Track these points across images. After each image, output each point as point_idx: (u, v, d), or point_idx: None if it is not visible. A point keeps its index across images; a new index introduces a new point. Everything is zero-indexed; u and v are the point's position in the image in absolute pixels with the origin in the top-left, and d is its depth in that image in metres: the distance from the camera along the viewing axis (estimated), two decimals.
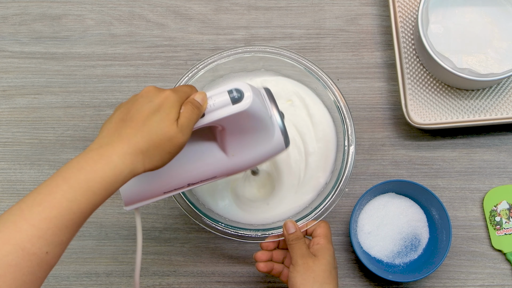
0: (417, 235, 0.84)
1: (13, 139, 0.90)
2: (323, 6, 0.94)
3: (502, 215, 0.86)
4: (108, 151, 0.54)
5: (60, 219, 0.51)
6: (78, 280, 0.86)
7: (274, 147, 0.66)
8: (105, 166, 0.53)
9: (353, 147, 0.80)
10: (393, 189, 0.85)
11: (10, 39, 0.93)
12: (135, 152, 0.55)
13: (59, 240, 0.51)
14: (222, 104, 0.60)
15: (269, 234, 0.78)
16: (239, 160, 0.66)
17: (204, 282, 0.86)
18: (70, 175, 0.52)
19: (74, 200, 0.51)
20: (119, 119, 0.57)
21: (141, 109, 0.57)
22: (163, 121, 0.56)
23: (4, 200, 0.88)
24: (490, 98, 0.86)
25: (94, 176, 0.53)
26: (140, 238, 0.67)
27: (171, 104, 0.57)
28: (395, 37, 0.88)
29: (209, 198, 0.83)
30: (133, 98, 0.59)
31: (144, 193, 0.65)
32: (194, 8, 0.94)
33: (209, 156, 0.66)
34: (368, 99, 0.90)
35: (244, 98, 0.60)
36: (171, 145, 0.57)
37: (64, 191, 0.51)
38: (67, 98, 0.91)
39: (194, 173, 0.66)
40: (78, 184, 0.52)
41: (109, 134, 0.56)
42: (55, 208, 0.51)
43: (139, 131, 0.56)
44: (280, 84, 0.85)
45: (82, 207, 0.52)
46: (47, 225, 0.50)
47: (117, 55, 0.92)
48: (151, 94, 0.58)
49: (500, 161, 0.88)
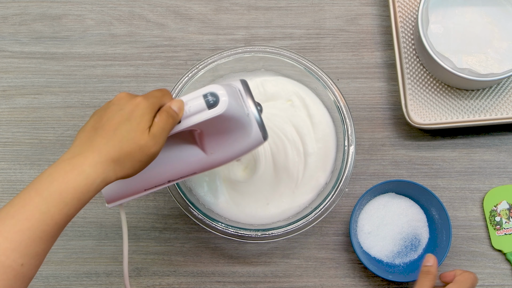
0: (417, 235, 0.84)
1: (13, 139, 0.90)
2: (323, 6, 0.94)
3: (502, 215, 0.86)
4: (80, 161, 0.54)
5: (33, 231, 0.51)
6: (78, 280, 0.86)
7: (252, 141, 0.66)
8: (77, 176, 0.54)
9: (353, 147, 0.80)
10: (393, 189, 0.85)
11: (10, 39, 0.93)
12: (107, 161, 0.55)
13: (34, 252, 0.52)
14: (197, 109, 0.60)
15: (269, 234, 0.78)
16: (218, 157, 0.67)
17: (204, 282, 0.86)
18: (43, 186, 0.53)
19: (47, 211, 0.52)
20: (91, 127, 0.58)
21: (112, 118, 0.57)
22: (134, 130, 0.56)
23: (4, 200, 0.88)
24: (490, 98, 0.86)
25: (66, 186, 0.53)
26: (126, 233, 0.68)
27: (142, 112, 0.57)
28: (395, 37, 0.88)
29: (209, 196, 0.83)
30: (106, 105, 0.59)
31: (125, 191, 0.66)
32: (194, 8, 0.94)
33: (188, 155, 0.66)
34: (368, 99, 0.90)
35: (219, 102, 0.59)
36: (143, 154, 0.57)
37: (37, 203, 0.52)
38: (67, 98, 0.91)
39: (174, 171, 0.67)
40: (51, 195, 0.52)
41: (81, 143, 0.57)
42: (28, 220, 0.51)
43: (110, 140, 0.56)
44: (280, 84, 0.85)
45: (55, 218, 0.52)
46: (20, 237, 0.51)
47: (117, 55, 0.92)
48: (122, 101, 0.58)
49: (500, 161, 0.88)
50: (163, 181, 0.67)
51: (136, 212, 0.87)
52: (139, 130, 0.57)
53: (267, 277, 0.86)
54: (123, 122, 0.56)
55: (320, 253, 0.86)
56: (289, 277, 0.86)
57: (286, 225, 0.78)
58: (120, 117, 0.57)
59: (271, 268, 0.86)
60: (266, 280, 0.86)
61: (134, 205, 0.87)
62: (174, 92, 0.81)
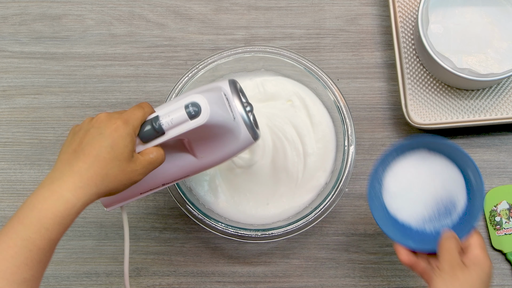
0: (453, 199, 0.73)
1: (13, 139, 0.90)
2: (323, 6, 0.94)
3: (502, 215, 0.86)
4: (60, 187, 0.55)
5: (17, 258, 0.52)
6: (78, 280, 0.86)
7: (242, 143, 0.66)
8: (56, 201, 0.54)
9: (353, 147, 0.80)
10: (425, 146, 0.73)
11: (10, 39, 0.93)
12: (88, 185, 0.56)
13: (22, 278, 0.52)
14: (180, 121, 0.60)
15: (269, 234, 0.78)
16: (209, 160, 0.67)
17: (204, 282, 0.86)
18: (24, 215, 0.54)
19: (28, 238, 0.53)
20: (72, 149, 0.58)
21: (92, 142, 0.57)
22: (118, 159, 0.57)
23: (4, 200, 0.88)
24: (490, 98, 0.86)
25: (46, 213, 0.54)
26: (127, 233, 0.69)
27: (124, 141, 0.58)
28: (395, 37, 0.88)
29: (209, 196, 0.83)
30: (86, 126, 0.60)
31: (120, 196, 0.67)
32: (194, 8, 0.94)
33: (179, 160, 0.67)
34: (368, 99, 0.90)
35: (201, 112, 0.59)
36: (127, 179, 0.59)
37: (18, 231, 0.53)
38: (67, 98, 0.91)
39: (167, 175, 0.67)
40: (31, 222, 0.53)
41: (61, 166, 0.57)
42: (11, 248, 0.53)
43: (92, 165, 0.56)
44: (280, 84, 0.85)
45: (37, 244, 0.53)
46: (5, 265, 0.52)
47: (117, 55, 0.92)
48: (102, 124, 0.59)
49: (500, 161, 0.88)
50: (157, 185, 0.68)
51: (136, 212, 0.87)
52: (123, 159, 0.58)
53: (267, 277, 0.86)
54: (105, 148, 0.57)
55: (320, 253, 0.86)
56: (289, 277, 0.86)
57: (286, 225, 0.78)
58: (101, 142, 0.57)
59: (271, 268, 0.86)
60: (266, 280, 0.86)
61: (134, 205, 0.87)
62: (174, 92, 0.81)
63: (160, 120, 0.60)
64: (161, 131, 0.60)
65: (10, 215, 0.87)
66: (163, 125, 0.60)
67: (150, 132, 0.60)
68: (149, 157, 0.60)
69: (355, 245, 0.86)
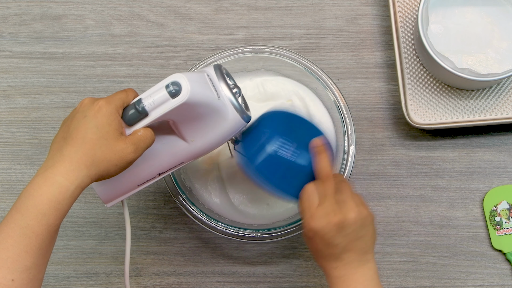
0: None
1: (13, 139, 0.90)
2: (323, 6, 0.94)
3: (502, 215, 0.86)
4: (52, 173, 0.56)
5: (16, 246, 0.54)
6: (78, 280, 0.86)
7: (232, 125, 0.66)
8: (50, 187, 0.55)
9: (353, 147, 0.80)
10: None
11: (10, 39, 0.93)
12: (79, 168, 0.57)
13: (23, 266, 0.53)
14: (161, 101, 0.60)
15: (269, 234, 0.78)
16: (200, 144, 0.67)
17: (204, 282, 0.86)
18: (21, 204, 0.55)
19: (26, 226, 0.54)
20: (61, 137, 0.59)
21: (78, 126, 0.58)
22: (105, 138, 0.58)
23: (4, 200, 0.88)
24: (490, 98, 0.86)
25: (41, 199, 0.55)
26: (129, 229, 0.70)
27: (108, 119, 0.59)
28: (395, 37, 0.88)
29: (209, 196, 0.83)
30: (72, 113, 0.61)
31: (118, 190, 0.68)
32: (194, 8, 0.94)
33: (171, 147, 0.67)
34: (368, 99, 0.90)
35: (182, 90, 0.60)
36: (119, 159, 0.59)
37: (17, 220, 0.55)
38: (67, 98, 0.91)
39: (161, 164, 0.68)
40: (28, 210, 0.55)
41: (52, 155, 0.58)
42: (10, 237, 0.54)
43: (81, 148, 0.57)
44: (280, 84, 0.85)
45: (36, 230, 0.54)
46: (5, 254, 0.53)
47: (117, 55, 0.92)
48: (85, 108, 0.60)
49: (500, 161, 0.88)
50: (153, 175, 0.68)
51: (136, 212, 0.87)
52: (109, 137, 0.58)
53: (267, 277, 0.86)
54: (90, 129, 0.58)
55: None
56: (289, 277, 0.86)
57: (286, 225, 0.78)
58: (86, 124, 0.58)
59: (271, 268, 0.86)
60: (266, 280, 0.86)
61: (134, 205, 0.87)
62: None
63: (143, 102, 0.61)
64: (144, 112, 0.61)
65: None
66: (145, 106, 0.61)
67: (134, 115, 0.61)
68: (137, 135, 0.61)
69: None
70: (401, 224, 0.87)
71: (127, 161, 0.60)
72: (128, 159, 0.60)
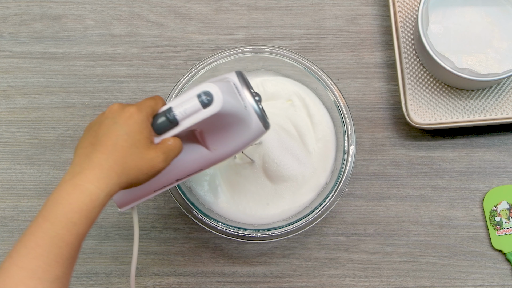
0: None
1: (13, 139, 0.90)
2: (323, 6, 0.94)
3: (502, 215, 0.86)
4: (81, 180, 0.55)
5: (47, 256, 0.52)
6: (78, 280, 0.86)
7: (254, 133, 0.66)
8: (80, 195, 0.54)
9: (353, 147, 0.80)
10: None
11: (10, 39, 0.93)
12: (109, 175, 0.55)
13: (54, 276, 0.52)
14: (193, 110, 0.60)
15: (269, 234, 0.78)
16: (221, 151, 0.67)
17: (204, 282, 0.86)
18: (49, 212, 0.53)
19: (56, 235, 0.52)
20: (88, 143, 0.58)
21: (108, 132, 0.57)
22: (136, 146, 0.57)
23: (4, 200, 0.88)
24: (490, 98, 0.86)
25: (71, 207, 0.53)
26: (137, 235, 0.69)
27: (139, 126, 0.58)
28: (395, 37, 0.88)
29: (209, 196, 0.83)
30: (99, 119, 0.60)
31: (134, 194, 0.67)
32: (194, 8, 0.94)
33: (192, 153, 0.66)
34: (368, 99, 0.90)
35: (214, 101, 0.59)
36: (149, 167, 0.58)
37: (46, 229, 0.53)
38: (67, 98, 0.91)
39: (181, 170, 0.67)
40: (57, 219, 0.53)
41: (80, 161, 0.57)
42: (40, 246, 0.52)
43: (111, 155, 0.56)
44: (280, 84, 0.85)
45: (66, 240, 0.53)
46: (36, 264, 0.51)
47: (117, 55, 0.92)
48: (115, 114, 0.58)
49: (500, 161, 0.88)
50: (171, 181, 0.67)
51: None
52: (141, 145, 0.57)
53: (267, 277, 0.86)
54: (121, 136, 0.57)
55: (320, 253, 0.86)
56: (289, 277, 0.86)
57: (286, 225, 0.78)
58: (117, 131, 0.57)
59: (271, 268, 0.86)
60: (266, 280, 0.86)
61: None
62: (174, 92, 0.81)
63: (174, 110, 0.60)
64: (175, 121, 0.60)
65: (10, 215, 0.87)
66: (176, 115, 0.60)
67: (164, 124, 0.60)
68: (167, 144, 0.60)
69: (355, 245, 0.86)
70: (401, 224, 0.87)
71: (157, 170, 0.59)
72: (158, 168, 0.59)
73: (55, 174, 0.89)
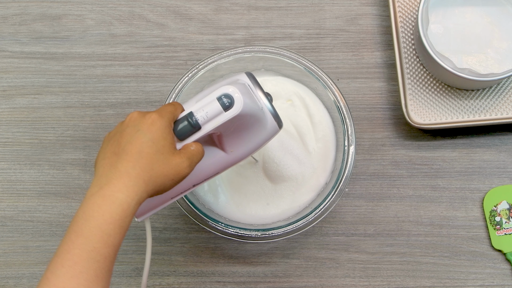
0: None
1: (13, 139, 0.90)
2: (323, 6, 0.94)
3: (502, 215, 0.86)
4: (110, 190, 0.53)
5: (86, 273, 0.50)
6: None
7: (269, 132, 0.66)
8: (111, 205, 0.53)
9: (353, 147, 0.80)
10: None
11: (10, 39, 0.93)
12: (137, 183, 0.55)
13: None
14: (215, 113, 0.60)
15: (269, 234, 0.78)
16: (238, 153, 0.67)
17: (204, 282, 0.86)
18: (81, 227, 0.52)
19: (93, 249, 0.51)
20: (111, 153, 0.57)
21: (132, 140, 0.56)
22: (161, 153, 0.56)
23: (4, 200, 0.88)
24: (490, 98, 0.86)
25: (104, 219, 0.52)
26: (149, 243, 0.68)
27: (163, 132, 0.57)
28: (395, 37, 0.88)
29: (209, 196, 0.83)
30: (120, 128, 0.59)
31: (153, 203, 0.66)
32: (194, 8, 0.94)
33: (209, 157, 0.66)
34: (368, 99, 0.90)
35: (235, 103, 0.60)
36: (175, 174, 0.58)
37: (81, 244, 0.51)
38: (67, 98, 0.91)
39: (198, 175, 0.67)
40: (91, 232, 0.52)
41: (105, 172, 0.55)
42: (77, 263, 0.50)
43: (137, 163, 0.55)
44: (280, 84, 0.85)
45: (103, 253, 0.52)
46: (76, 282, 0.50)
47: (117, 55, 0.92)
48: (137, 122, 0.58)
49: (500, 161, 0.88)
50: (188, 187, 0.67)
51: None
52: (165, 151, 0.57)
53: (267, 277, 0.86)
54: (146, 143, 0.56)
55: (320, 253, 0.86)
56: (289, 277, 0.86)
57: (286, 225, 0.78)
58: (140, 138, 0.56)
59: (271, 268, 0.86)
60: (266, 280, 0.86)
61: None
62: (174, 92, 0.81)
63: (195, 115, 0.60)
64: (197, 126, 0.60)
65: (10, 215, 0.87)
66: (198, 119, 0.60)
67: (187, 128, 0.60)
68: (190, 149, 0.59)
69: (355, 245, 0.86)
70: (401, 224, 0.87)
71: (182, 176, 0.58)
72: (183, 173, 0.58)
73: (55, 174, 0.89)
